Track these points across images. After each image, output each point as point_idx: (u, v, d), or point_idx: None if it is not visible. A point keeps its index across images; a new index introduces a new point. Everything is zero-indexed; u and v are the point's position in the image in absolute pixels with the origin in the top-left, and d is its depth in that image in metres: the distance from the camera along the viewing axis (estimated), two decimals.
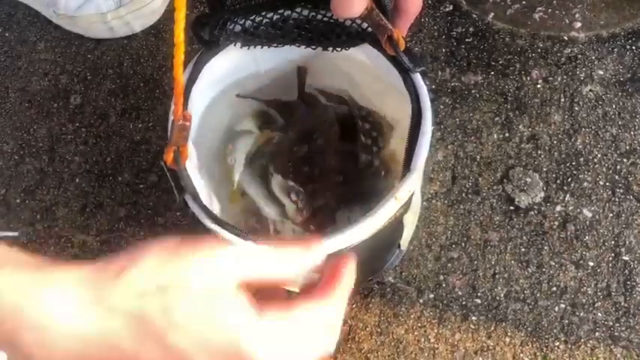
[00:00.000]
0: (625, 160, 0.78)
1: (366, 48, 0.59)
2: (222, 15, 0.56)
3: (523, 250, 0.75)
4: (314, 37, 0.58)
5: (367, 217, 0.52)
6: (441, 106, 0.83)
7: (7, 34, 0.97)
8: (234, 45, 0.59)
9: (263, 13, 0.56)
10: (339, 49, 0.60)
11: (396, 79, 0.57)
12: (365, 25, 0.56)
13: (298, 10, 0.56)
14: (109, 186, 0.85)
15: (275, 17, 0.56)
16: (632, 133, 0.79)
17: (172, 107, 0.52)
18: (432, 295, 0.75)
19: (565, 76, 0.83)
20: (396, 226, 0.62)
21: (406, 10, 0.54)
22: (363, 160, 0.69)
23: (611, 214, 0.76)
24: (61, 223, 0.84)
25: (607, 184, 0.77)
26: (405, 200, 0.53)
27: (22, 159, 0.88)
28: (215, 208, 0.61)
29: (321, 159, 0.70)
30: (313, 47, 0.60)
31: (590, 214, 0.76)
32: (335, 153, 0.70)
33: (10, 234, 0.83)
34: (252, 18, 0.56)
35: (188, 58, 0.53)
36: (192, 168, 0.57)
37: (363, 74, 0.66)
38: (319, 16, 0.56)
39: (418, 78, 0.56)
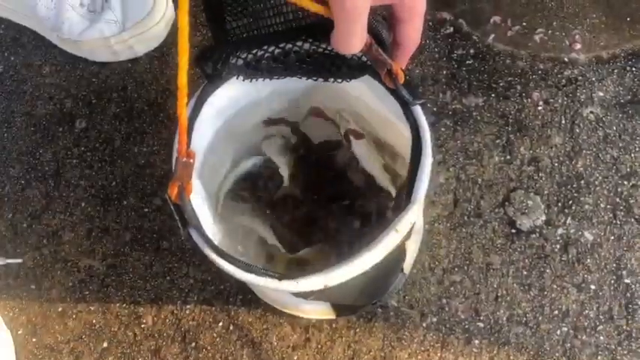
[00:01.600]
0: (626, 182, 0.79)
1: (368, 79, 0.59)
2: (225, 49, 0.57)
3: (525, 273, 0.76)
4: (315, 69, 0.59)
5: (367, 250, 0.52)
6: (443, 129, 0.84)
7: (12, 58, 0.98)
8: (237, 78, 0.60)
9: (265, 47, 0.57)
10: (340, 80, 0.60)
11: (397, 109, 0.58)
12: (365, 58, 0.57)
13: (299, 44, 0.56)
14: (114, 210, 0.86)
15: (277, 51, 0.57)
16: (632, 155, 0.80)
17: (176, 145, 0.52)
18: (434, 319, 0.75)
19: (565, 98, 0.84)
20: (398, 252, 0.63)
21: (406, 45, 0.54)
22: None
23: (613, 237, 0.76)
24: (67, 248, 0.85)
25: (608, 206, 0.78)
26: (406, 232, 0.54)
27: (28, 183, 0.89)
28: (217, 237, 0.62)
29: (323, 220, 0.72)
30: (314, 79, 0.61)
31: (591, 237, 0.76)
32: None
33: (14, 261, 0.84)
34: (254, 52, 0.57)
35: (191, 86, 0.54)
36: (197, 200, 0.57)
37: (366, 104, 0.67)
38: (320, 49, 0.57)
39: (418, 110, 0.56)
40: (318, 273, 0.52)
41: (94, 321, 0.81)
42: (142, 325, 0.80)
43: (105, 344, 0.79)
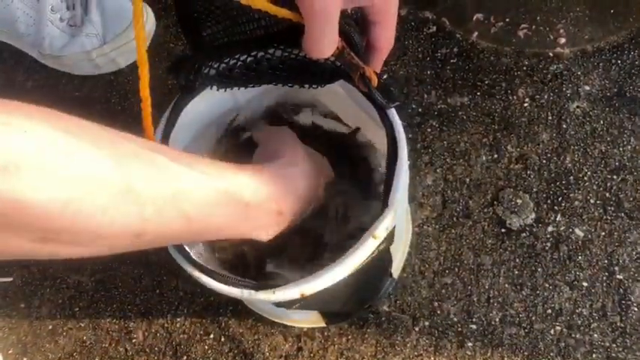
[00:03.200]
0: (615, 176, 0.77)
1: (343, 83, 0.59)
2: (197, 60, 0.56)
3: (516, 272, 0.75)
4: (289, 76, 0.58)
5: (345, 257, 0.52)
6: (429, 130, 0.83)
7: None
8: (210, 88, 0.59)
9: (237, 56, 0.56)
10: (315, 86, 0.60)
11: (373, 111, 0.57)
12: (338, 62, 0.56)
13: (271, 51, 0.56)
14: None
15: (249, 59, 0.56)
16: (620, 149, 0.79)
17: None
18: (427, 323, 0.74)
19: (552, 94, 0.83)
20: (382, 256, 0.62)
21: (378, 47, 0.53)
22: None
23: (604, 233, 0.75)
24: (55, 265, 0.84)
25: (598, 202, 0.77)
26: (383, 237, 0.53)
27: None
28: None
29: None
30: (290, 85, 0.60)
31: (582, 234, 0.75)
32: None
33: (5, 280, 0.83)
34: (226, 61, 0.56)
35: (169, 96, 0.54)
36: None
37: (344, 104, 0.67)
38: (292, 56, 0.56)
39: (393, 113, 0.55)
40: (294, 282, 0.51)
41: (84, 338, 0.80)
42: (133, 340, 0.79)
43: None
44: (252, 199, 0.51)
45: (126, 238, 0.44)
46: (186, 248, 0.55)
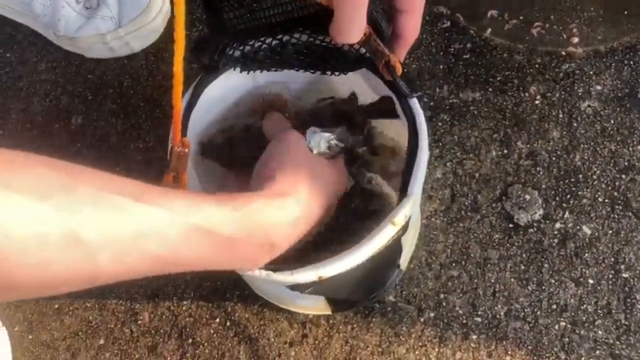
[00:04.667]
0: (624, 176, 0.78)
1: (365, 72, 0.59)
2: (222, 40, 0.57)
3: (523, 267, 0.75)
4: (312, 61, 0.59)
5: (364, 242, 0.52)
6: (440, 124, 0.84)
7: (8, 55, 0.98)
8: (234, 69, 0.60)
9: (262, 39, 0.57)
10: (337, 73, 0.60)
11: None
12: (363, 50, 0.57)
13: (297, 35, 0.56)
14: None
15: (274, 43, 0.57)
16: (630, 149, 0.79)
17: (171, 134, 0.52)
18: (432, 314, 0.75)
19: (563, 92, 0.84)
20: (394, 246, 0.62)
21: (404, 36, 0.54)
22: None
23: (611, 231, 0.76)
24: None
25: (606, 200, 0.77)
26: (402, 224, 0.54)
27: None
28: None
29: None
30: (312, 71, 0.61)
31: (589, 231, 0.76)
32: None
33: None
34: (251, 43, 0.57)
35: (187, 79, 0.54)
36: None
37: (363, 94, 0.67)
38: (317, 42, 0.57)
39: (415, 103, 0.56)
40: (313, 264, 0.51)
41: (90, 318, 0.80)
42: (139, 322, 0.79)
43: (101, 341, 0.79)
44: (236, 233, 0.48)
45: (78, 285, 0.42)
46: None
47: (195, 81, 0.60)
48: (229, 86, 0.65)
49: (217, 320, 0.78)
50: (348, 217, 0.62)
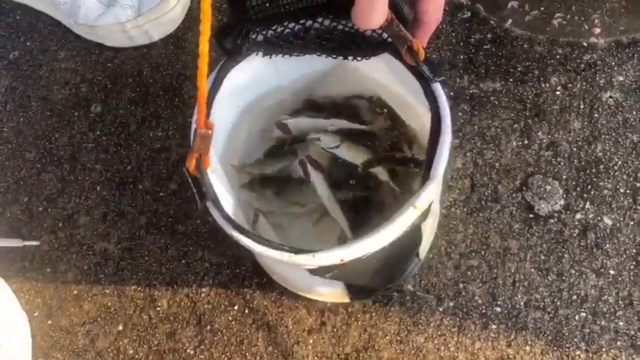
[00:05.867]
0: None
1: (387, 57, 0.59)
2: (245, 25, 0.57)
3: (543, 258, 0.75)
4: (335, 46, 0.59)
5: (386, 224, 0.52)
6: (460, 114, 0.83)
7: (28, 44, 0.98)
8: (257, 54, 0.60)
9: (285, 23, 0.57)
10: (359, 58, 0.60)
11: (415, 88, 0.58)
12: (385, 35, 0.57)
13: (320, 20, 0.56)
14: (129, 194, 0.86)
15: (297, 27, 0.57)
16: None
17: (195, 116, 0.52)
18: (451, 304, 0.75)
19: (584, 83, 0.83)
20: (414, 233, 0.62)
21: (427, 22, 0.54)
22: None
23: (632, 222, 0.75)
24: (82, 231, 0.85)
25: (628, 191, 0.77)
26: (424, 208, 0.54)
27: (44, 167, 0.89)
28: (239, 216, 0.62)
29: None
30: (334, 56, 0.60)
31: (610, 222, 0.76)
32: None
33: (32, 243, 0.84)
34: (274, 28, 0.57)
35: (210, 66, 0.54)
36: (214, 177, 0.57)
37: (385, 82, 0.67)
38: (340, 26, 0.57)
39: (438, 87, 0.56)
40: (336, 247, 0.51)
41: (109, 304, 0.81)
42: (158, 308, 0.79)
43: (120, 327, 0.79)
44: None
45: None
46: (226, 210, 0.55)
47: (219, 65, 0.60)
48: (253, 77, 0.65)
49: (236, 307, 0.78)
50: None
